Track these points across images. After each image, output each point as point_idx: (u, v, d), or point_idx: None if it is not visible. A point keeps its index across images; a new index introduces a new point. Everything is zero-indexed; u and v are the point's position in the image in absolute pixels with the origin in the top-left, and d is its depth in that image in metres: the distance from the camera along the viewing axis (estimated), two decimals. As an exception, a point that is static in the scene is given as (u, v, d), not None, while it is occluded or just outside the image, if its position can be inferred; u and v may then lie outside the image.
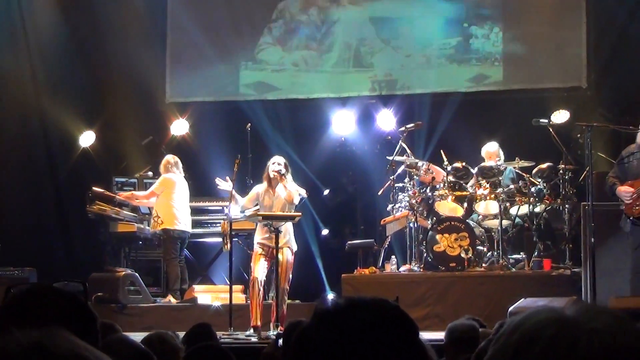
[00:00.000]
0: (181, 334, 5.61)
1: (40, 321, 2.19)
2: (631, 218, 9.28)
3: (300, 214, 10.73)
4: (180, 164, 12.45)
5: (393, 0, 14.83)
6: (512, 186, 11.74)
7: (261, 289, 10.32)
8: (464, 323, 5.89)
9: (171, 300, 12.19)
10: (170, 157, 12.55)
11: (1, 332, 2.21)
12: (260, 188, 10.62)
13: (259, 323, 10.16)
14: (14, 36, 14.45)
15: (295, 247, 10.60)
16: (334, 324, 1.54)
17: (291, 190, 10.44)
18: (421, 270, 11.58)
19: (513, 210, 11.78)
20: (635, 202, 9.20)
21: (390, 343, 1.54)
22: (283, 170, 10.45)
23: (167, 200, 12.27)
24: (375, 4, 14.86)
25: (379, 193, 12.46)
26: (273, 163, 10.53)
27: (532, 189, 11.67)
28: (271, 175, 10.47)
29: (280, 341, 5.44)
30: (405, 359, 1.54)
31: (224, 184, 10.56)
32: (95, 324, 2.31)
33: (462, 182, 11.83)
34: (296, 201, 10.53)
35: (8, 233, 12.76)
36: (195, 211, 12.91)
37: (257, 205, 10.64)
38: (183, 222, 12.23)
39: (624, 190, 9.23)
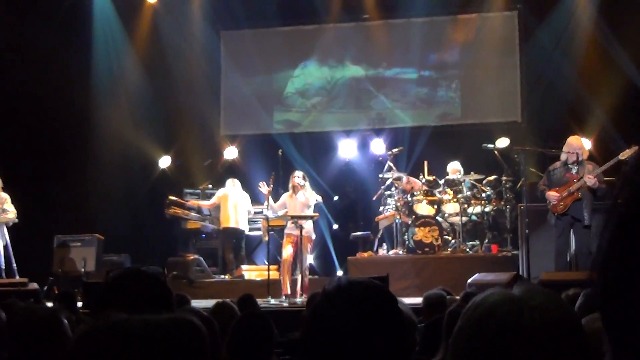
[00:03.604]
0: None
1: (132, 296, 2.22)
2: (555, 214, 9.28)
3: (317, 214, 10.73)
4: (236, 182, 12.44)
5: (383, 62, 14.79)
6: (469, 193, 11.73)
7: (289, 267, 10.34)
8: (435, 292, 5.92)
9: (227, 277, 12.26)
10: (230, 179, 12.56)
11: (107, 304, 2.24)
12: (286, 195, 10.64)
13: (288, 292, 10.18)
14: (112, 90, 14.56)
15: (313, 237, 10.59)
16: (337, 302, 1.57)
17: (307, 197, 10.44)
18: (404, 253, 11.57)
19: (470, 210, 11.77)
20: (559, 203, 9.20)
21: (377, 311, 1.57)
22: (302, 182, 10.46)
23: (222, 206, 12.28)
24: (369, 64, 14.87)
25: (374, 198, 12.44)
26: (296, 177, 10.50)
27: (483, 195, 11.67)
28: (294, 184, 10.49)
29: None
30: (386, 322, 1.57)
31: (264, 189, 10.56)
32: (172, 297, 2.33)
33: (433, 190, 11.84)
34: (311, 203, 10.46)
35: (110, 229, 12.80)
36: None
37: (285, 208, 10.66)
38: (234, 221, 12.14)
39: (552, 195, 9.22)
